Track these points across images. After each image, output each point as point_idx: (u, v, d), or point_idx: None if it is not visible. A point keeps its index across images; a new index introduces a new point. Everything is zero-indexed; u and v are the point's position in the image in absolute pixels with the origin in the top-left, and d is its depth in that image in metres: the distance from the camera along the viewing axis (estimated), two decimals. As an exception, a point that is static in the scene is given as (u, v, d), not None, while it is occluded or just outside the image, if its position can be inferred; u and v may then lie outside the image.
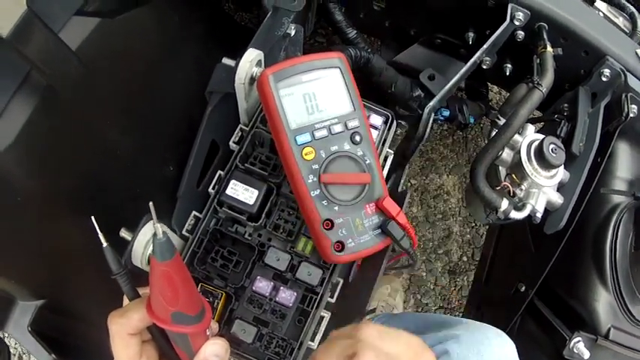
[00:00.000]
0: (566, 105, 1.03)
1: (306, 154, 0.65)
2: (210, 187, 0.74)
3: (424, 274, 1.68)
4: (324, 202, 0.65)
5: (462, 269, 1.69)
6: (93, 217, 0.47)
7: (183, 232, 0.74)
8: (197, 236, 0.71)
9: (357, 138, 0.67)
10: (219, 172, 0.74)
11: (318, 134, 0.66)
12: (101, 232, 0.48)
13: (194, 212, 0.74)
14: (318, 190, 0.65)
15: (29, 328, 0.73)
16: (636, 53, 0.97)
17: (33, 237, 0.68)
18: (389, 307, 1.52)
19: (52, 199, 0.67)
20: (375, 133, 0.77)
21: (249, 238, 0.72)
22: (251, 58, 0.70)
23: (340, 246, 0.66)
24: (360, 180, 0.66)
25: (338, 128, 0.67)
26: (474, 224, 1.73)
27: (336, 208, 0.66)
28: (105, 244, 0.48)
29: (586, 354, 0.92)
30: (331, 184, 0.65)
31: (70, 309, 0.82)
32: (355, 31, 1.01)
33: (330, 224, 0.66)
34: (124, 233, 0.67)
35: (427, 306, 1.67)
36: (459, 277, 1.68)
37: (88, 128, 0.68)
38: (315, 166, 0.65)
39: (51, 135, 0.62)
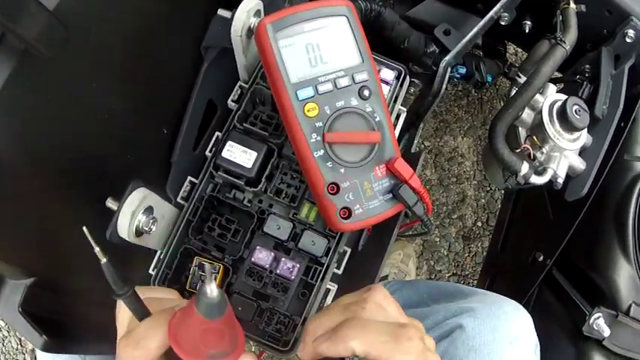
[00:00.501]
0: (587, 66, 0.98)
1: (308, 111, 0.59)
2: (208, 149, 0.68)
3: (437, 239, 1.65)
4: (328, 164, 0.59)
5: (477, 235, 1.65)
6: (85, 228, 0.41)
7: (178, 199, 0.68)
8: (192, 203, 0.66)
9: (366, 92, 0.61)
10: (217, 133, 0.68)
11: (322, 88, 0.59)
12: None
13: (189, 178, 0.69)
14: (322, 151, 0.59)
15: (20, 309, 0.68)
16: (662, 15, 0.90)
17: (18, 211, 0.63)
18: (401, 274, 1.48)
19: (38, 169, 0.61)
20: (386, 89, 0.70)
21: (249, 204, 0.67)
22: (248, 8, 0.63)
23: (347, 212, 0.60)
24: (369, 139, 0.60)
25: (344, 82, 0.60)
26: (489, 188, 1.68)
27: (342, 170, 0.60)
28: (103, 260, 0.41)
29: (606, 331, 0.88)
30: (337, 143, 0.59)
31: (62, 286, 0.77)
32: (365, -18, 0.94)
33: (335, 188, 0.59)
34: (110, 203, 0.62)
35: (440, 272, 1.63)
36: (473, 243, 1.65)
37: (73, 92, 0.62)
38: (319, 124, 0.59)
39: (33, 102, 0.56)
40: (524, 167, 0.79)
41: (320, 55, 0.60)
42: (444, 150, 1.69)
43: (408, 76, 0.71)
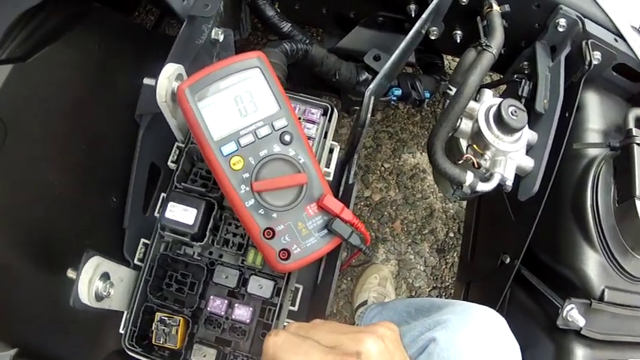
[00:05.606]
0: (525, 63, 0.99)
1: (234, 164, 0.62)
2: (156, 211, 0.71)
3: (412, 257, 1.65)
4: (260, 212, 0.62)
5: (451, 245, 1.66)
6: None
7: (136, 261, 0.71)
8: (147, 264, 0.69)
9: (287, 137, 0.64)
10: (162, 194, 0.72)
11: (243, 141, 0.62)
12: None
13: (142, 240, 0.71)
14: (253, 200, 0.62)
15: None
16: (590, -4, 0.91)
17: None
18: (381, 297, 1.48)
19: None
20: (314, 128, 0.73)
21: (199, 258, 0.70)
22: (169, 74, 0.66)
23: (286, 254, 0.62)
24: (296, 181, 0.63)
25: (264, 131, 0.63)
26: (455, 198, 1.68)
27: (275, 215, 0.62)
28: None
29: (581, 321, 0.86)
30: (265, 190, 0.62)
31: (43, 352, 0.80)
32: (290, 24, 0.97)
33: (271, 233, 0.62)
34: (71, 274, 0.65)
35: (420, 289, 1.63)
36: (448, 254, 1.65)
37: (23, 174, 0.66)
38: (246, 175, 0.62)
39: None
40: (469, 177, 0.80)
41: (238, 109, 0.63)
42: (405, 169, 1.69)
43: (335, 111, 0.73)
